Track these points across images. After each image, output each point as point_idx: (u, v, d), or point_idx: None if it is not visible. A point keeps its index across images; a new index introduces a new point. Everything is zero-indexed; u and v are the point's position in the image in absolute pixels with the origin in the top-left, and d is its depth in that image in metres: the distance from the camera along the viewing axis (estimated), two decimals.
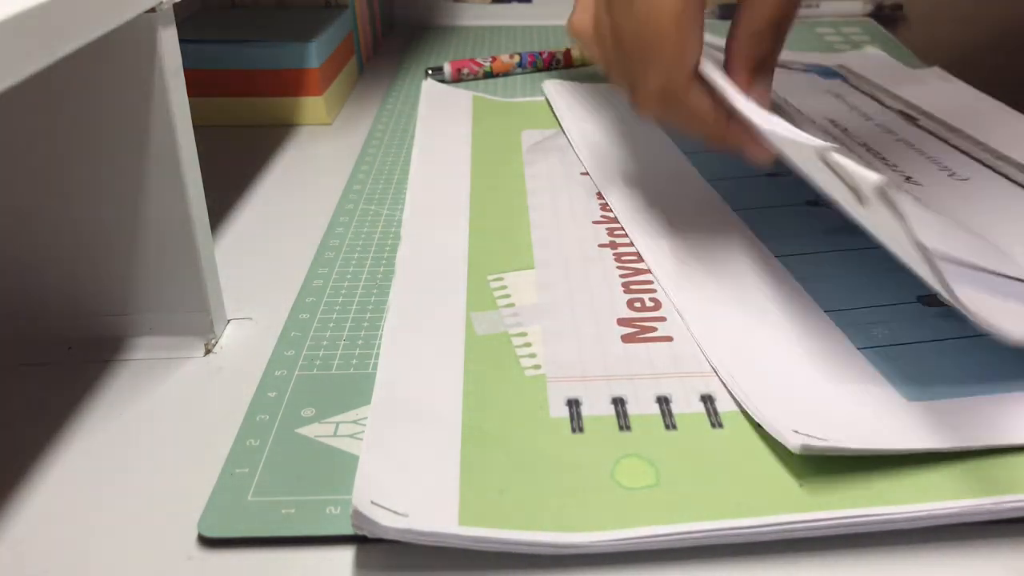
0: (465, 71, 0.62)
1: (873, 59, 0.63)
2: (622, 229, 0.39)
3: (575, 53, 0.65)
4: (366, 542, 0.24)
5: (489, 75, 0.63)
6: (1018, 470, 0.25)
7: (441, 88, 0.58)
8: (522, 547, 0.23)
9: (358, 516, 0.23)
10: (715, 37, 0.38)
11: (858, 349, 0.30)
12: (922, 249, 0.22)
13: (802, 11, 0.76)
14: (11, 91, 0.19)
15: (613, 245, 0.38)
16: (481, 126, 0.52)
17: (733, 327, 0.31)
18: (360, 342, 0.33)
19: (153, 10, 0.28)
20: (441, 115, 0.53)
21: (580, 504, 0.24)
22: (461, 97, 0.57)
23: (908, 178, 0.41)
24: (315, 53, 0.54)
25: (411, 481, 0.25)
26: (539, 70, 0.65)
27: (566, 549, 0.23)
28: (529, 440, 0.27)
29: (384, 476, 0.25)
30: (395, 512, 0.23)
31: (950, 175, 0.42)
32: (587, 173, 0.45)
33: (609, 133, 0.49)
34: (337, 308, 0.35)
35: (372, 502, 0.23)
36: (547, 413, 0.28)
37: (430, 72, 0.62)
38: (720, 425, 0.27)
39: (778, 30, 0.33)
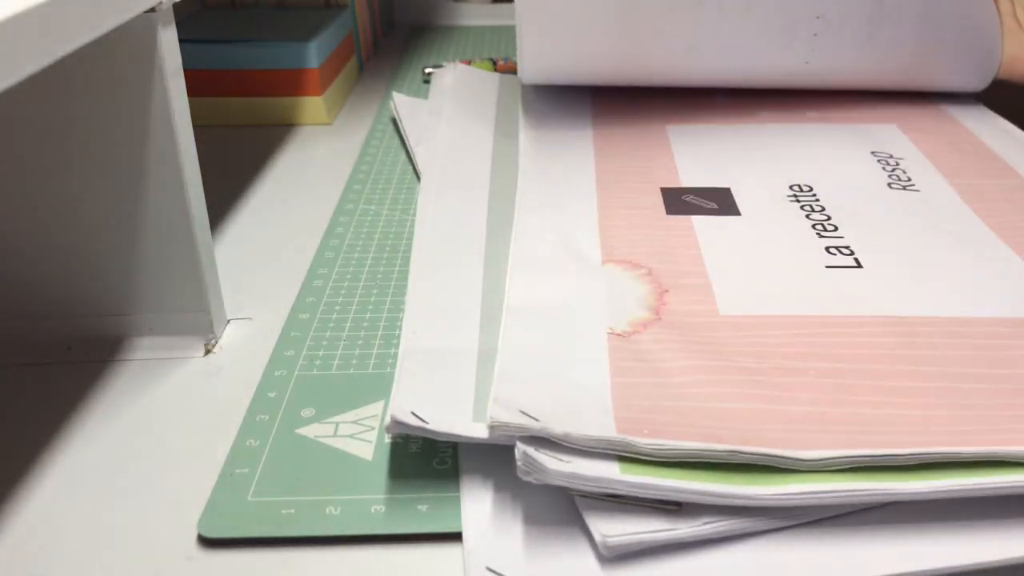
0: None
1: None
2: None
3: None
4: (369, 542, 0.24)
5: None
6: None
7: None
8: (689, 496, 0.23)
9: (526, 460, 0.23)
10: None
11: None
12: None
13: None
14: (11, 91, 0.19)
15: None
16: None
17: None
18: (360, 342, 0.33)
19: (153, 10, 0.28)
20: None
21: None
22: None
23: None
24: (315, 53, 0.54)
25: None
26: None
27: (738, 501, 0.23)
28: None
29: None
30: (559, 458, 0.24)
31: None
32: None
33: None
34: (337, 308, 0.35)
35: (536, 449, 0.24)
36: None
37: (428, 72, 0.62)
38: None
39: None
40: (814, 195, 0.40)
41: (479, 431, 0.25)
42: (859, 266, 0.34)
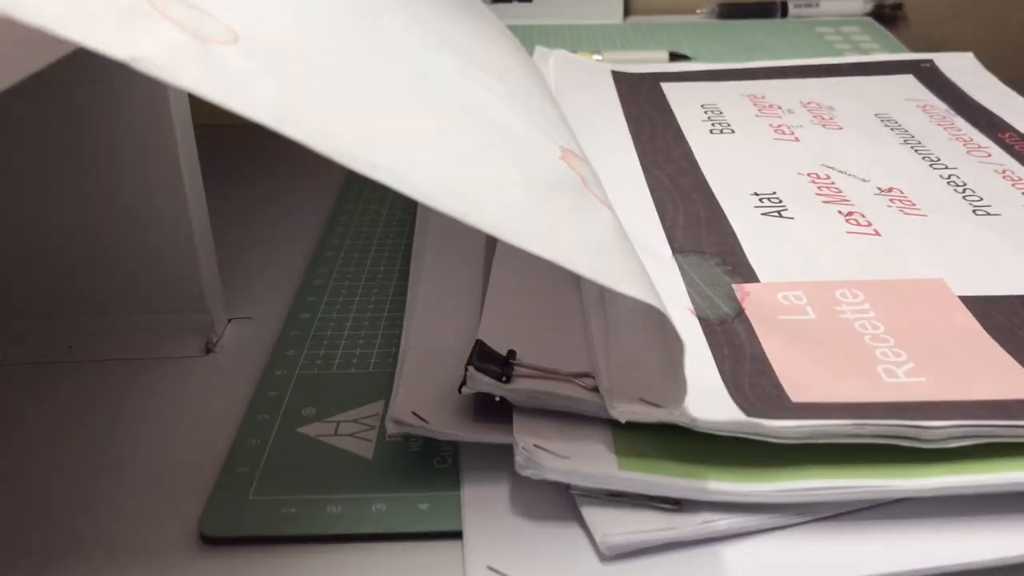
0: None
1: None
2: None
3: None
4: (370, 541, 0.24)
5: None
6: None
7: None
8: (688, 493, 0.23)
9: (524, 455, 0.23)
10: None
11: None
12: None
13: (801, 10, 0.76)
14: (10, 91, 0.19)
15: None
16: None
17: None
18: (361, 341, 0.33)
19: None
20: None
21: (732, 451, 0.24)
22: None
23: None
24: None
25: (567, 426, 0.25)
26: None
27: (737, 497, 0.23)
28: None
29: (538, 415, 0.25)
30: (556, 455, 0.24)
31: None
32: None
33: None
34: (338, 307, 0.35)
35: (534, 444, 0.24)
36: None
37: None
38: None
39: None
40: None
41: (481, 432, 0.26)
42: None
